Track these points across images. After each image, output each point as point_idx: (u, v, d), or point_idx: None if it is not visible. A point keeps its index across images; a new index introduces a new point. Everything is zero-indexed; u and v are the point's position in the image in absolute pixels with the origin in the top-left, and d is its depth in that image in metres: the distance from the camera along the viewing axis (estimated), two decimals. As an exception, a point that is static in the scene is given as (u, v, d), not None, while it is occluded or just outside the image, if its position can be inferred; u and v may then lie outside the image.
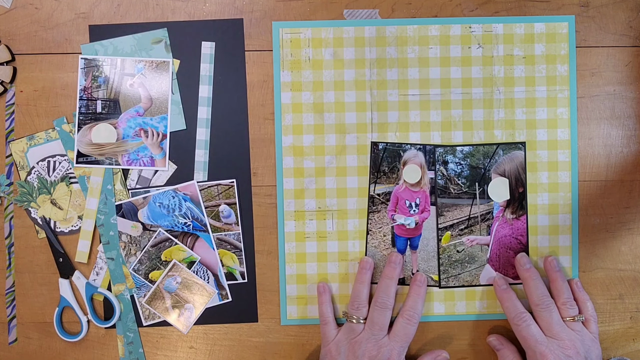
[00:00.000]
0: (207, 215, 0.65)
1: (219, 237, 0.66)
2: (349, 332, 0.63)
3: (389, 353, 0.61)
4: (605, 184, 0.67)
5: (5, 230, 0.66)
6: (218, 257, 0.66)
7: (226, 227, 0.66)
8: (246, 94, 0.66)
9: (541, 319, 0.62)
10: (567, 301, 0.63)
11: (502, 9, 0.66)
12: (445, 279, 0.66)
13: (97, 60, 0.65)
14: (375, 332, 0.62)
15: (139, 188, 0.65)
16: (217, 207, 0.66)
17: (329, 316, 0.65)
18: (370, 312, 0.63)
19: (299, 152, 0.66)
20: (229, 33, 0.66)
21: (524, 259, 0.65)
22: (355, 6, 0.66)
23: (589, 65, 0.67)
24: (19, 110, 0.66)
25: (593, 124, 0.67)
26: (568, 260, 0.67)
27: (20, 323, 0.67)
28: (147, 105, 0.65)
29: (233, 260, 0.66)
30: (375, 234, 0.66)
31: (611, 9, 0.66)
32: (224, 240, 0.66)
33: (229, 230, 0.66)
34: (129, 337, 0.67)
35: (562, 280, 0.64)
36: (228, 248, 0.66)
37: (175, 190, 0.66)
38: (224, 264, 0.66)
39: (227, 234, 0.66)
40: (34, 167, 0.66)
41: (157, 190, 0.66)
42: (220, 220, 0.66)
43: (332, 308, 0.65)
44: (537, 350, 0.60)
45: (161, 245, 0.66)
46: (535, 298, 0.63)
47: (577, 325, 0.62)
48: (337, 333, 0.64)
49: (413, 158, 0.66)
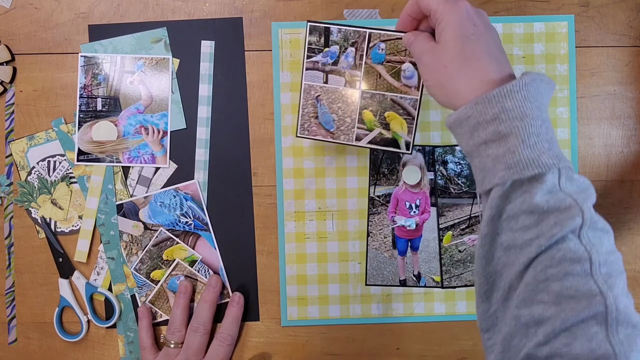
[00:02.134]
0: (387, 71, 0.58)
1: (393, 99, 0.58)
2: (165, 356, 0.63)
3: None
4: (605, 184, 0.67)
5: (5, 230, 0.66)
6: (219, 256, 0.66)
7: (404, 88, 0.58)
8: (246, 94, 0.66)
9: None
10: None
11: (502, 9, 0.66)
12: (448, 279, 0.66)
13: (96, 58, 0.65)
14: (190, 356, 0.62)
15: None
16: (400, 64, 0.58)
17: (147, 341, 0.65)
18: (186, 337, 0.63)
19: (299, 152, 0.66)
20: (228, 32, 0.66)
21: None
22: (355, 6, 0.66)
23: (589, 65, 0.67)
24: (19, 110, 0.66)
25: (593, 124, 0.67)
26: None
27: (20, 323, 0.67)
28: (147, 102, 0.65)
29: (402, 127, 0.59)
30: (376, 236, 0.66)
31: (611, 9, 0.66)
32: (398, 103, 0.59)
33: (406, 93, 0.58)
34: (129, 337, 0.66)
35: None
36: (400, 112, 0.59)
37: (176, 190, 0.66)
38: (390, 128, 0.59)
39: (403, 96, 0.58)
40: (34, 167, 0.66)
41: (158, 190, 0.66)
42: (399, 79, 0.58)
43: (151, 332, 0.65)
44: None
45: (162, 244, 0.66)
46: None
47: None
48: (154, 358, 0.64)
49: (412, 159, 0.66)
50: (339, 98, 0.59)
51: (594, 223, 0.41)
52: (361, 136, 0.60)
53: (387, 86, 0.59)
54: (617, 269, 0.41)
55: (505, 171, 0.43)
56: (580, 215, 0.41)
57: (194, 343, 0.63)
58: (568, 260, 0.40)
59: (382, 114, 0.59)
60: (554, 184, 0.42)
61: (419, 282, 0.66)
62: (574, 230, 0.41)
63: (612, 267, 0.41)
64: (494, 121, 0.44)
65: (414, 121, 0.59)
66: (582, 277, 0.40)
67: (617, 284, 0.40)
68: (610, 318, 0.39)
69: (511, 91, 0.44)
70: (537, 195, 0.42)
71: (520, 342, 0.42)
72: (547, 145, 0.43)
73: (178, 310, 0.64)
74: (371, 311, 0.67)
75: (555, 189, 0.42)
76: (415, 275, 0.66)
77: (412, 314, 0.67)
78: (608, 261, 0.41)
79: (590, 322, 0.39)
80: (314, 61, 0.59)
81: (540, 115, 0.44)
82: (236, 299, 0.65)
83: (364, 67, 0.59)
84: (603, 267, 0.40)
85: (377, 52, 0.58)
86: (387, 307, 0.67)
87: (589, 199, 0.42)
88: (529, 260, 0.42)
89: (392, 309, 0.67)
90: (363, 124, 0.60)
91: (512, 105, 0.43)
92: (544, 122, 0.44)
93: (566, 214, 0.41)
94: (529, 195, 0.42)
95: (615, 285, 0.40)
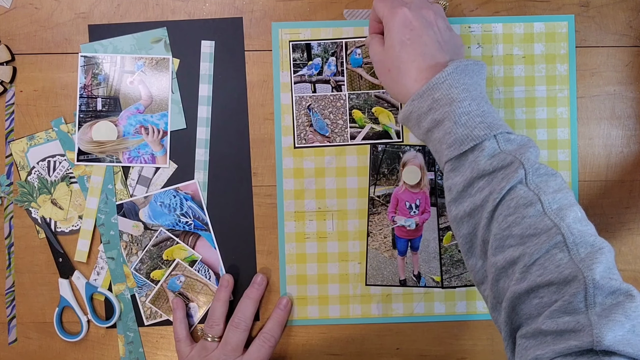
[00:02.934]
0: (367, 72, 0.64)
1: (376, 95, 0.65)
2: (201, 349, 0.62)
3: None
4: (605, 184, 0.67)
5: (5, 230, 0.66)
6: (219, 256, 0.66)
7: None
8: (246, 94, 0.66)
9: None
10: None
11: (502, 9, 0.66)
12: (448, 279, 0.66)
13: (96, 58, 0.65)
14: (228, 352, 0.61)
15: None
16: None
17: (182, 333, 0.64)
18: (226, 332, 0.63)
19: (299, 152, 0.66)
20: (228, 32, 0.66)
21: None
22: (355, 6, 0.66)
23: (589, 65, 0.67)
24: (19, 110, 0.66)
25: (593, 124, 0.67)
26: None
27: (20, 323, 0.67)
28: (147, 102, 0.65)
29: (389, 119, 0.65)
30: (376, 236, 0.66)
31: (611, 9, 0.66)
32: (381, 98, 0.65)
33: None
34: (129, 337, 0.66)
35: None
36: (385, 106, 0.65)
37: (176, 190, 0.66)
38: (380, 122, 0.65)
39: (385, 91, 0.65)
40: (34, 167, 0.66)
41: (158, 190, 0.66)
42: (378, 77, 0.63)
43: (186, 324, 0.65)
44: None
45: (162, 244, 0.66)
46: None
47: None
48: (190, 350, 0.63)
49: (412, 159, 0.66)
50: (329, 103, 0.66)
51: (536, 170, 0.48)
52: (355, 134, 0.66)
53: (369, 85, 0.66)
54: (567, 203, 0.47)
55: (448, 150, 0.51)
56: (521, 167, 0.48)
57: (234, 339, 0.62)
58: (522, 206, 0.47)
59: (369, 111, 0.66)
60: (494, 148, 0.50)
61: (419, 282, 0.66)
62: (520, 180, 0.48)
63: (562, 203, 0.47)
64: (429, 112, 0.53)
65: (398, 111, 0.65)
66: (537, 216, 0.46)
67: (568, 215, 0.46)
68: (569, 243, 0.45)
69: (437, 84, 0.52)
70: (481, 162, 0.49)
71: (505, 284, 0.48)
72: (478, 120, 0.50)
73: (218, 304, 0.63)
74: (371, 311, 0.67)
75: (496, 151, 0.49)
76: (415, 275, 0.66)
77: (412, 314, 0.67)
78: (556, 199, 0.47)
79: (554, 251, 0.45)
80: (300, 75, 0.66)
81: (469, 95, 0.51)
82: (284, 303, 0.65)
83: (346, 72, 0.66)
84: (553, 204, 0.46)
85: (355, 57, 0.66)
86: (387, 307, 0.67)
87: (527, 152, 0.49)
88: (490, 214, 0.49)
89: (392, 309, 0.67)
90: (355, 123, 0.66)
91: (440, 95, 0.52)
92: (473, 100, 0.51)
93: (510, 169, 0.48)
94: (475, 164, 0.50)
95: (567, 216, 0.46)
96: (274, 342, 0.63)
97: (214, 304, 0.64)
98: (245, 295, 0.64)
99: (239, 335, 0.62)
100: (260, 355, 0.62)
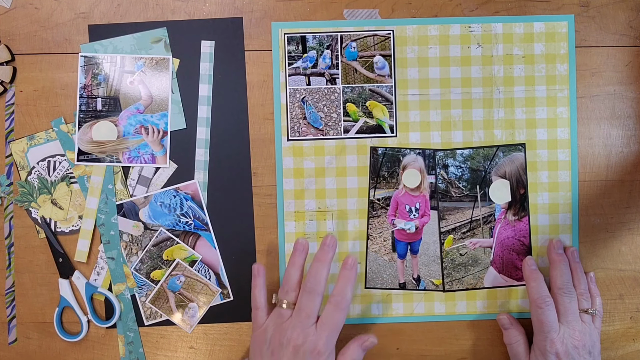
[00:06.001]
0: (361, 66, 0.65)
1: (371, 89, 0.65)
2: (277, 317, 0.59)
3: (314, 344, 0.56)
4: (605, 184, 0.67)
5: (5, 230, 0.66)
6: (219, 256, 0.66)
7: (379, 78, 0.65)
8: (246, 94, 0.66)
9: (560, 304, 0.61)
10: (583, 292, 0.63)
11: (502, 9, 0.66)
12: (449, 282, 0.66)
13: (96, 58, 0.65)
14: (303, 319, 0.57)
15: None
16: (372, 57, 0.65)
17: (261, 301, 0.61)
18: (299, 298, 0.59)
19: (299, 152, 0.66)
20: (228, 32, 0.66)
21: (559, 242, 0.65)
22: (355, 6, 0.66)
23: (589, 65, 0.67)
24: (19, 110, 0.66)
25: (593, 123, 0.67)
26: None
27: (20, 323, 0.67)
28: (147, 102, 0.65)
29: (383, 113, 0.65)
30: (376, 239, 0.66)
31: (611, 9, 0.66)
32: (376, 92, 0.65)
33: (381, 82, 0.65)
34: (129, 337, 0.66)
35: (580, 271, 0.64)
36: (379, 100, 0.65)
37: (176, 190, 0.66)
38: (373, 116, 0.65)
39: (379, 85, 0.65)
40: (34, 167, 0.66)
41: (158, 190, 0.66)
42: (373, 71, 0.65)
43: (265, 292, 0.62)
44: (548, 337, 0.60)
45: (162, 244, 0.66)
46: (560, 282, 0.62)
47: (588, 318, 0.62)
48: (266, 319, 0.60)
49: (412, 162, 0.66)
50: (323, 96, 0.65)
51: None
52: (348, 128, 0.66)
53: (364, 78, 0.66)
54: None
55: None
56: None
57: (308, 305, 0.58)
58: None
59: (363, 104, 0.66)
60: None
61: (418, 285, 0.66)
62: None
63: None
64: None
65: (392, 106, 0.66)
66: None
67: None
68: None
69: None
70: None
71: None
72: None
73: (293, 269, 0.60)
74: (371, 311, 0.67)
75: None
76: (414, 278, 0.66)
77: (412, 314, 0.67)
78: None
79: None
80: (295, 67, 0.66)
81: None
82: (350, 262, 0.60)
83: (341, 65, 0.66)
84: None
85: (350, 51, 0.66)
86: (387, 307, 0.67)
87: None
88: None
89: (392, 309, 0.67)
90: (348, 117, 0.66)
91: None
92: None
93: None
94: None
95: None
96: (345, 305, 0.58)
97: (289, 269, 0.60)
98: (316, 259, 0.60)
99: (313, 301, 0.58)
100: (334, 320, 0.58)
